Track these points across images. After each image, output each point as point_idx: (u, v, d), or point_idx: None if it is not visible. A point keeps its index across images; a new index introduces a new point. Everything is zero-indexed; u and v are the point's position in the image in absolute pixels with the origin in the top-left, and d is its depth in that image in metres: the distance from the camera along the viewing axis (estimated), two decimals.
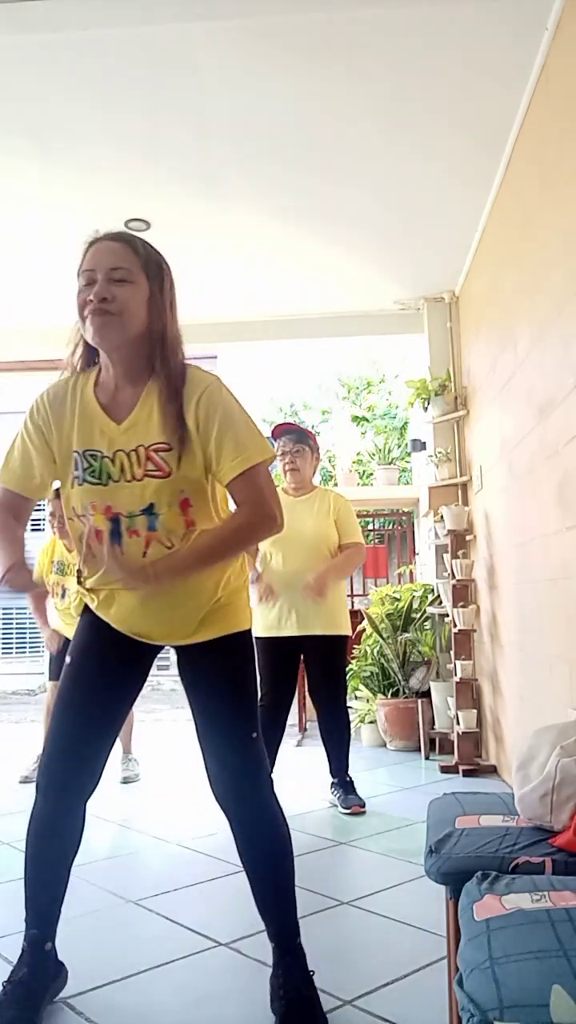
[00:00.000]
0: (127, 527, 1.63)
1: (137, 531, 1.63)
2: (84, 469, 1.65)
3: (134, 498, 1.62)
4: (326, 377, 11.62)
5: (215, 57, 2.72)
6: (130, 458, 1.63)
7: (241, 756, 1.70)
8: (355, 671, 5.09)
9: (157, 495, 1.61)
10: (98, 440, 1.65)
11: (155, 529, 1.62)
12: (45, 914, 1.74)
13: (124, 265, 1.61)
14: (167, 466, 1.61)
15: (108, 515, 1.64)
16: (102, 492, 1.64)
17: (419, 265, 4.54)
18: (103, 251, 1.63)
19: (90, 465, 1.65)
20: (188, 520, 1.64)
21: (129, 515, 1.63)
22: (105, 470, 1.64)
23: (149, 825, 3.25)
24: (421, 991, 1.76)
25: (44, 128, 3.10)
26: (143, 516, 1.62)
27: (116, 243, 1.64)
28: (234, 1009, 1.73)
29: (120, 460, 1.63)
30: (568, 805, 1.47)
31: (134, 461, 1.62)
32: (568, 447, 2.58)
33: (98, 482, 1.64)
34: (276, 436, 3.58)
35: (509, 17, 2.57)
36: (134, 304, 1.61)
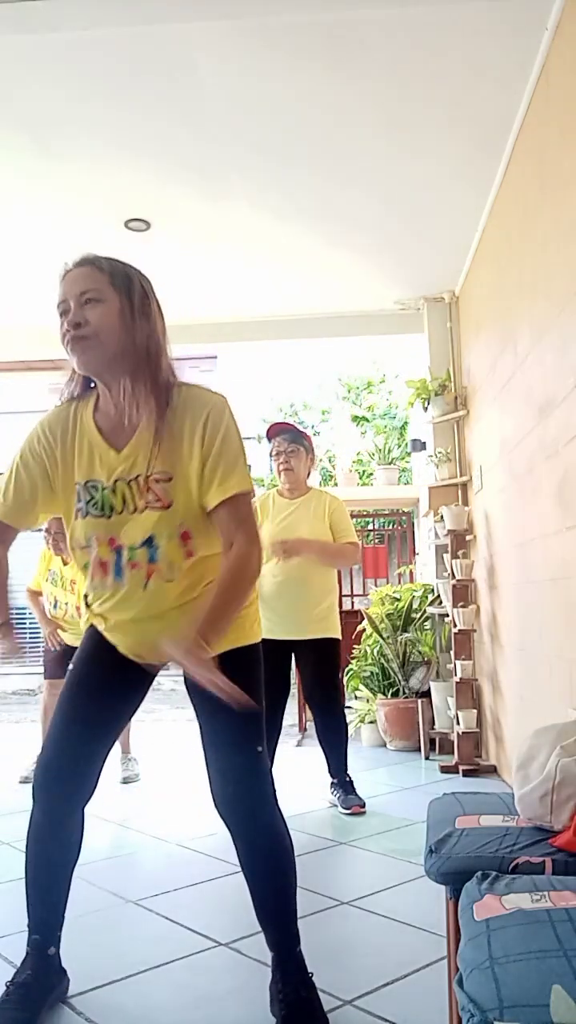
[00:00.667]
0: (128, 558, 1.63)
1: (137, 563, 1.63)
2: (87, 501, 1.64)
3: (136, 530, 1.62)
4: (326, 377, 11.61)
5: (215, 57, 2.72)
6: (130, 488, 1.62)
7: (246, 771, 1.68)
8: (355, 671, 5.09)
9: (157, 527, 1.61)
10: (98, 470, 1.64)
11: (155, 561, 1.62)
12: (47, 920, 1.74)
13: (91, 286, 1.60)
14: (167, 497, 1.60)
15: (112, 546, 1.65)
16: (106, 525, 1.63)
17: (419, 265, 4.54)
18: (71, 279, 1.62)
19: (92, 497, 1.64)
20: (188, 551, 1.63)
21: (131, 547, 1.63)
22: (107, 502, 1.63)
23: (149, 825, 3.25)
24: (421, 991, 1.76)
25: (44, 128, 3.10)
26: (143, 548, 1.62)
27: (82, 268, 1.63)
28: (234, 1009, 1.73)
29: (121, 491, 1.62)
30: (568, 805, 1.47)
31: (135, 491, 1.61)
32: (568, 447, 2.58)
33: (101, 515, 1.63)
34: (271, 436, 3.56)
35: (509, 17, 2.57)
36: (107, 321, 1.59)
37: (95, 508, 1.63)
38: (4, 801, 3.61)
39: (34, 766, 4.40)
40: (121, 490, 1.62)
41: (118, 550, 1.64)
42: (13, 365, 5.80)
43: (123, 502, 1.62)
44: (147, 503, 1.61)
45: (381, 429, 8.65)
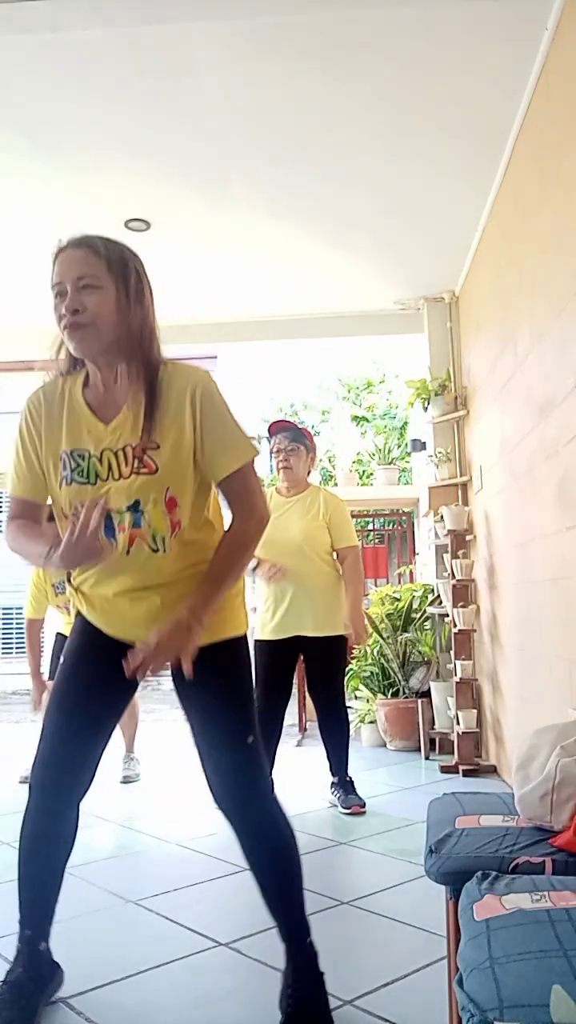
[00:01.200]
0: (116, 523, 1.63)
1: (123, 527, 1.62)
2: (72, 469, 1.65)
3: (121, 495, 1.62)
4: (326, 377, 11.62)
5: (215, 57, 2.72)
6: (117, 457, 1.62)
7: (238, 761, 1.68)
8: (355, 671, 5.09)
9: (143, 491, 1.61)
10: (85, 440, 1.65)
11: (139, 526, 1.62)
12: (38, 914, 1.74)
13: (89, 271, 1.58)
14: (154, 463, 1.61)
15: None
16: (91, 491, 1.63)
17: (419, 265, 4.54)
18: (67, 261, 1.60)
19: (77, 465, 1.64)
20: (174, 521, 1.62)
21: (117, 511, 1.62)
22: (93, 469, 1.63)
23: (149, 825, 3.25)
24: (421, 991, 1.76)
25: (44, 128, 3.10)
26: (128, 513, 1.62)
27: (78, 250, 1.60)
28: (234, 1009, 1.73)
29: (107, 459, 1.63)
30: (568, 805, 1.47)
31: (121, 460, 1.62)
32: (568, 447, 2.58)
33: (85, 482, 1.63)
34: (272, 433, 3.55)
35: (509, 17, 2.57)
36: (105, 309, 1.59)
37: (80, 475, 1.64)
38: (4, 801, 3.61)
39: None
40: (108, 458, 1.63)
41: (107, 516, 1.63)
42: (13, 365, 5.80)
43: (108, 469, 1.63)
44: (133, 470, 1.61)
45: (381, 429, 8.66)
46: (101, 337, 1.60)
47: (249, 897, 2.40)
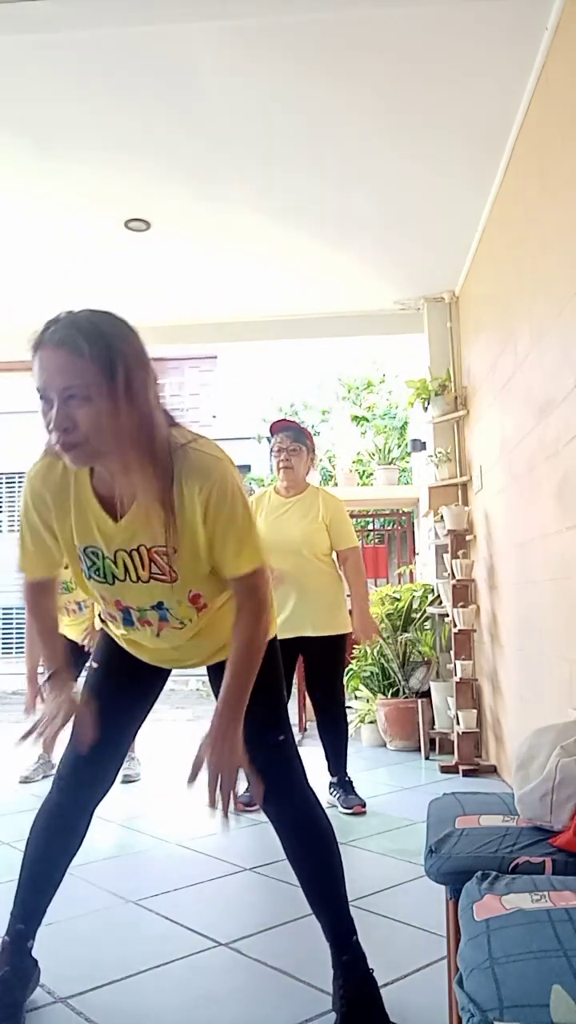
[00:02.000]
0: (138, 617, 1.64)
1: (149, 621, 1.65)
2: (88, 566, 1.61)
3: (143, 596, 1.61)
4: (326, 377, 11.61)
5: (215, 57, 2.72)
6: (132, 558, 1.55)
7: (275, 760, 1.72)
8: (355, 671, 5.08)
9: (165, 595, 1.60)
10: (96, 537, 1.56)
11: (166, 620, 1.64)
12: (34, 911, 1.75)
13: (75, 381, 1.37)
14: (172, 571, 1.56)
15: (119, 607, 1.66)
16: (110, 589, 1.63)
17: (419, 265, 4.54)
18: (49, 366, 1.40)
19: (92, 563, 1.60)
20: (200, 607, 1.65)
21: (139, 609, 1.63)
22: (108, 570, 1.58)
23: (149, 825, 3.25)
24: (421, 991, 1.76)
25: (44, 128, 3.10)
26: (154, 611, 1.63)
27: (60, 352, 1.39)
28: (234, 1009, 1.73)
29: (122, 560, 1.56)
30: (568, 805, 1.47)
31: (137, 562, 1.56)
32: (568, 447, 2.58)
33: (103, 581, 1.61)
34: (273, 432, 3.55)
35: (509, 17, 2.57)
36: (98, 421, 1.38)
37: (97, 574, 1.60)
38: (4, 801, 3.60)
39: (35, 765, 4.40)
40: (122, 559, 1.56)
41: (126, 610, 1.65)
42: (13, 365, 5.79)
43: (125, 571, 1.57)
44: (151, 575, 1.56)
45: (381, 429, 8.65)
46: (97, 450, 1.43)
47: (249, 897, 2.41)
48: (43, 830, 1.73)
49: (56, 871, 1.75)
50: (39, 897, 1.75)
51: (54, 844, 1.74)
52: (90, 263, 4.32)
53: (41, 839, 1.73)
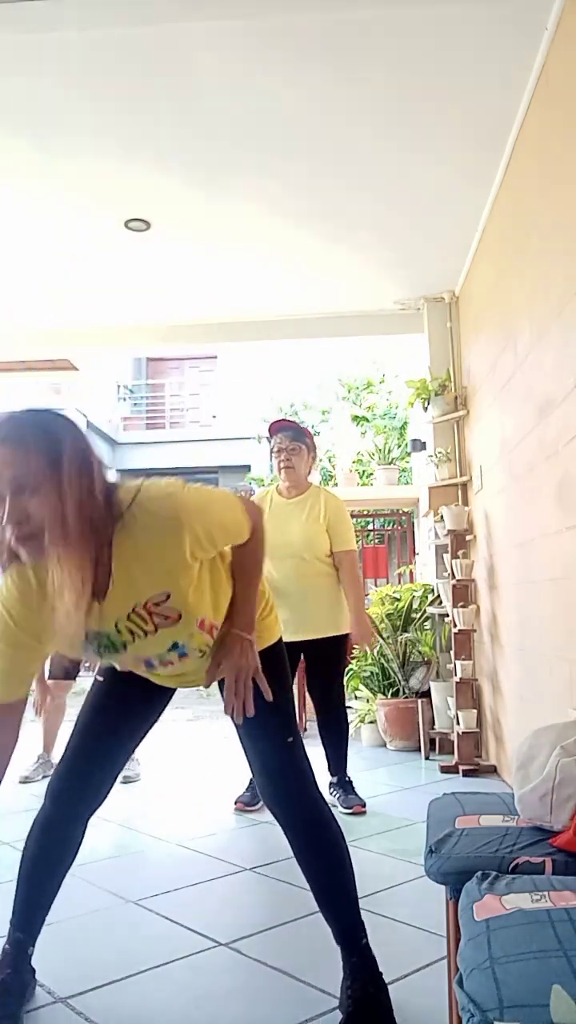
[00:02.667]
0: (159, 661, 1.66)
1: (170, 662, 1.67)
2: (98, 645, 1.60)
3: (156, 645, 1.62)
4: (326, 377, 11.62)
5: (215, 57, 2.72)
6: (133, 621, 1.55)
7: (283, 761, 1.73)
8: (355, 671, 5.09)
9: (176, 635, 1.61)
10: (93, 623, 1.53)
11: (186, 655, 1.66)
12: (33, 919, 1.75)
13: (22, 472, 1.35)
14: (174, 612, 1.55)
15: (139, 660, 1.68)
16: (124, 655, 1.65)
17: (419, 265, 4.54)
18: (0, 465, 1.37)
19: (100, 643, 1.60)
20: (211, 629, 1.66)
21: (158, 656, 1.65)
22: (117, 642, 1.58)
23: (149, 825, 3.25)
24: (421, 991, 1.75)
25: (44, 128, 3.10)
26: (171, 652, 1.64)
27: (6, 449, 1.37)
28: (234, 1009, 1.73)
29: (124, 628, 1.55)
30: (568, 805, 1.46)
31: (139, 622, 1.55)
32: (568, 447, 2.58)
33: (117, 651, 1.62)
34: (273, 432, 3.55)
35: (509, 17, 2.57)
36: (49, 511, 1.36)
37: (108, 650, 1.61)
38: (4, 801, 3.60)
39: (35, 765, 4.40)
40: (124, 627, 1.56)
41: (147, 660, 1.67)
42: (13, 365, 5.80)
43: (132, 634, 1.57)
44: (157, 625, 1.56)
45: (381, 429, 8.65)
46: (54, 543, 1.38)
47: (249, 897, 2.41)
48: (37, 841, 1.73)
49: (53, 880, 1.75)
50: (37, 906, 1.75)
51: (49, 855, 1.74)
52: (90, 263, 4.32)
53: (36, 850, 1.73)
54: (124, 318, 5.14)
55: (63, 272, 4.44)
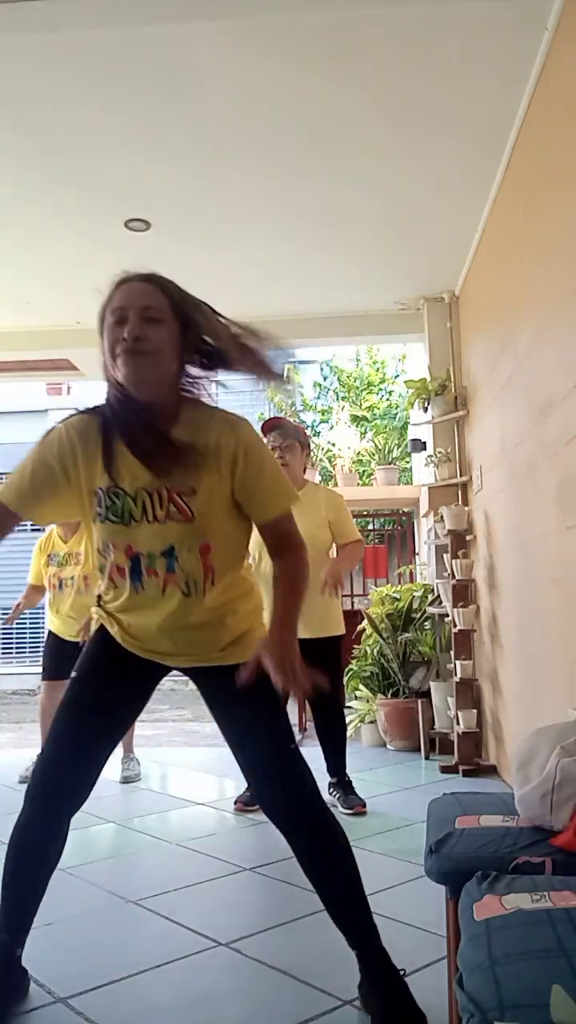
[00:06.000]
0: (146, 565, 1.65)
1: (156, 571, 1.65)
2: (107, 507, 1.65)
3: (155, 539, 1.63)
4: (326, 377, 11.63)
5: (215, 57, 2.72)
6: (152, 499, 1.63)
7: (289, 773, 1.71)
8: (355, 671, 5.09)
9: (178, 538, 1.63)
10: (122, 477, 1.64)
11: (173, 571, 1.64)
12: (19, 922, 1.74)
13: (155, 304, 1.61)
14: (189, 511, 1.62)
15: (128, 554, 1.66)
16: (124, 532, 1.65)
17: (419, 265, 4.54)
18: (133, 291, 1.63)
19: (112, 503, 1.64)
20: (207, 565, 1.65)
21: (149, 555, 1.64)
22: (127, 509, 1.64)
23: (149, 825, 3.25)
24: (421, 991, 1.75)
25: (44, 128, 3.10)
26: (162, 558, 1.64)
27: (147, 284, 1.64)
28: (234, 1009, 1.73)
29: (142, 499, 1.63)
30: (568, 805, 1.47)
31: (156, 502, 1.62)
32: (568, 447, 2.58)
33: (119, 521, 1.64)
34: (265, 431, 3.53)
35: (509, 17, 2.57)
36: (166, 345, 1.61)
37: (114, 515, 1.64)
38: (4, 801, 3.60)
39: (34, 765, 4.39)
40: (142, 499, 1.63)
41: (135, 557, 1.65)
42: (13, 365, 5.80)
43: (143, 511, 1.63)
44: (168, 514, 1.62)
45: (381, 429, 8.66)
46: (158, 371, 1.61)
47: (249, 897, 2.41)
48: (17, 845, 1.71)
49: (36, 883, 1.73)
50: (22, 909, 1.73)
51: (30, 858, 1.72)
52: (90, 263, 4.32)
53: (17, 854, 1.71)
54: None
55: (63, 272, 4.44)
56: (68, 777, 1.71)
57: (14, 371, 5.76)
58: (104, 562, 1.70)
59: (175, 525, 1.62)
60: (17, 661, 10.53)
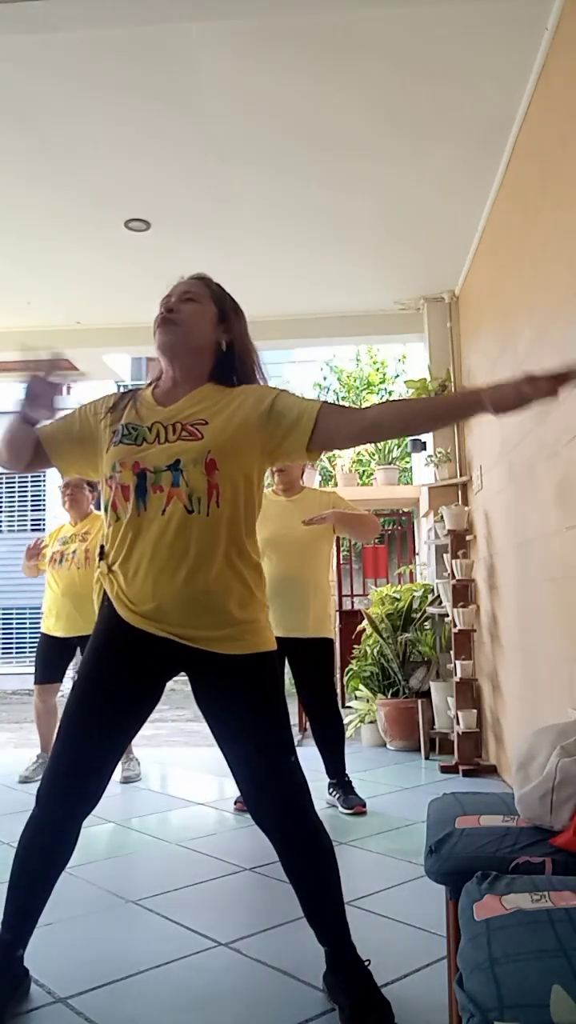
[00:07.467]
0: (152, 482, 1.67)
1: (161, 486, 1.66)
2: (122, 435, 1.74)
3: (162, 455, 1.68)
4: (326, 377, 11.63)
5: (215, 57, 2.72)
6: (166, 429, 1.72)
7: (288, 780, 1.70)
8: (355, 671, 5.08)
9: (184, 453, 1.67)
10: (143, 417, 1.76)
11: (178, 485, 1.66)
12: (23, 922, 1.73)
13: (194, 290, 1.83)
14: (199, 433, 1.69)
15: (135, 470, 1.68)
16: (133, 451, 1.71)
17: (419, 265, 4.54)
18: (182, 284, 1.85)
19: (129, 433, 1.74)
20: (212, 483, 1.66)
21: (155, 470, 1.67)
22: (141, 435, 1.73)
23: (149, 825, 3.25)
24: (421, 991, 1.76)
25: (44, 128, 3.10)
26: (168, 472, 1.66)
27: (193, 280, 1.87)
28: (234, 1009, 1.73)
29: (157, 429, 1.73)
30: (568, 805, 1.46)
31: (169, 430, 1.72)
32: (568, 447, 2.58)
33: (132, 443, 1.72)
34: None
35: (509, 17, 2.57)
36: (197, 318, 1.79)
37: (128, 439, 1.73)
38: (4, 801, 3.61)
39: (35, 765, 4.41)
40: (157, 428, 1.73)
41: (142, 474, 1.68)
42: (13, 365, 5.80)
43: (156, 436, 1.72)
44: (179, 437, 1.70)
45: None
46: (187, 340, 1.78)
47: (249, 897, 2.41)
48: (27, 847, 1.71)
49: (43, 885, 1.73)
50: (27, 909, 1.73)
51: (38, 861, 1.72)
52: (90, 263, 4.32)
53: (25, 855, 1.71)
54: (124, 318, 5.13)
55: (63, 272, 4.44)
56: (80, 779, 1.69)
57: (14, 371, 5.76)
58: (110, 492, 1.73)
59: (183, 443, 1.69)
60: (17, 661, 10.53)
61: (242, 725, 1.71)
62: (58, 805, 1.69)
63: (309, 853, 1.71)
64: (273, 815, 1.71)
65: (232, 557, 1.69)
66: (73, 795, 1.69)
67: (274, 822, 1.71)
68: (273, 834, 1.71)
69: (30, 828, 1.71)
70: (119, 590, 1.69)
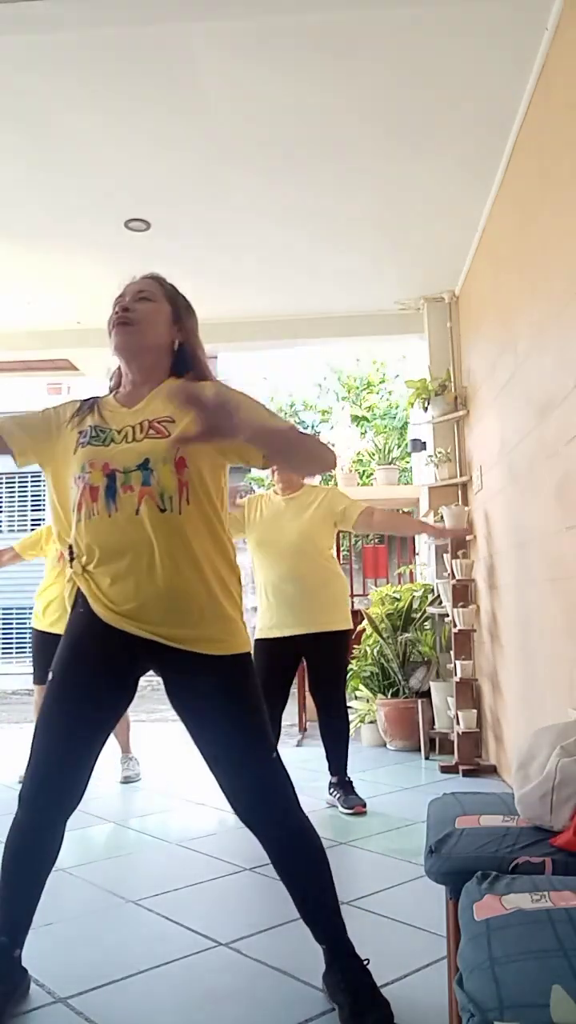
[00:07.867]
0: (122, 483, 1.67)
1: (131, 486, 1.67)
2: (90, 437, 1.75)
3: (131, 455, 1.69)
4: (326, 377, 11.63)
5: (215, 57, 2.72)
6: (133, 429, 1.74)
7: (266, 780, 1.70)
8: (355, 671, 5.08)
9: (153, 451, 1.68)
10: (108, 420, 1.78)
11: (148, 484, 1.66)
12: (16, 923, 1.74)
13: (148, 289, 1.84)
14: (167, 431, 1.70)
15: (105, 471, 1.68)
16: (102, 451, 1.71)
17: (419, 265, 4.54)
18: (136, 284, 1.87)
19: (96, 435, 1.75)
20: (182, 481, 1.67)
21: (125, 470, 1.67)
22: (109, 436, 1.75)
23: (149, 825, 3.25)
24: (421, 991, 1.76)
25: (44, 128, 3.09)
26: (138, 471, 1.67)
27: (146, 279, 1.89)
28: (234, 1009, 1.73)
29: (125, 431, 1.74)
30: (568, 805, 1.47)
31: (136, 429, 1.73)
32: (568, 447, 2.58)
33: (100, 444, 1.73)
34: None
35: (509, 17, 2.57)
36: (152, 317, 1.81)
37: (96, 441, 1.74)
38: (4, 801, 3.60)
39: None
40: (125, 430, 1.74)
41: (111, 475, 1.68)
42: (13, 365, 5.80)
43: (123, 437, 1.73)
44: (146, 435, 1.71)
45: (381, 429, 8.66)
46: (142, 339, 1.80)
47: (249, 897, 2.41)
48: (12, 848, 1.71)
49: (31, 888, 1.73)
50: (19, 910, 1.73)
51: (26, 860, 1.72)
52: (90, 263, 4.32)
53: (11, 856, 1.71)
54: None
55: (63, 272, 4.44)
56: (60, 779, 1.70)
57: (14, 371, 5.77)
58: (77, 492, 1.71)
59: (150, 442, 1.70)
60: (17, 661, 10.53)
61: (220, 725, 1.71)
62: (41, 806, 1.70)
63: (297, 851, 1.72)
64: (257, 814, 1.71)
65: (210, 553, 1.70)
66: (55, 796, 1.70)
67: (259, 821, 1.71)
68: (259, 833, 1.72)
69: (15, 830, 1.71)
70: (96, 590, 1.69)
